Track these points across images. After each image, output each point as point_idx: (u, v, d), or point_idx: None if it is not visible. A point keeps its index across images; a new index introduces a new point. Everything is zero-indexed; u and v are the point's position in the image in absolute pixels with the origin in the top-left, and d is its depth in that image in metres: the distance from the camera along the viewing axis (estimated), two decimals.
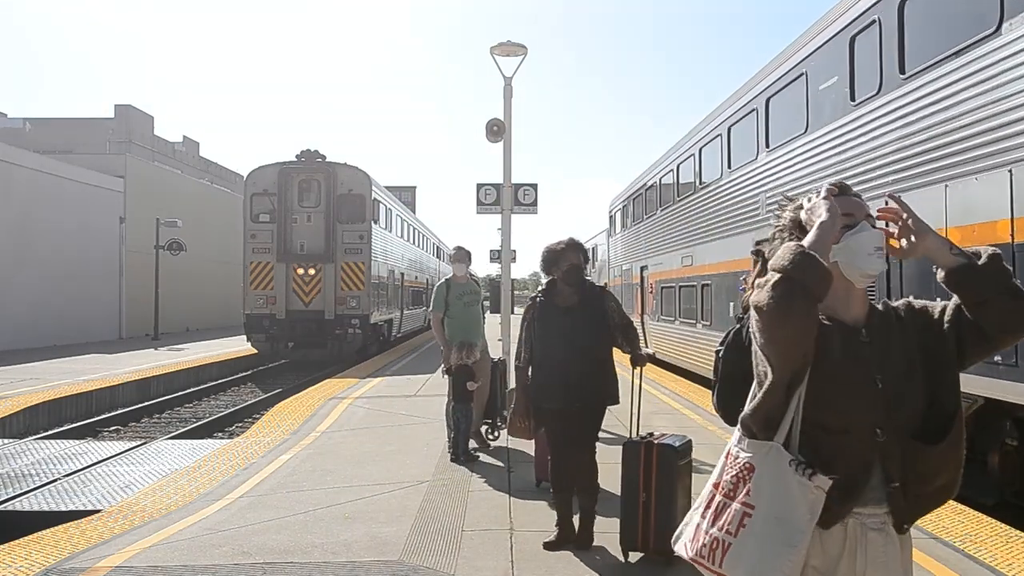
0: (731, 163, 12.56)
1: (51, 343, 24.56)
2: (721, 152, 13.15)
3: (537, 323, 5.15)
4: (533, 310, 5.22)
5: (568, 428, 5.10)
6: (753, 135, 11.42)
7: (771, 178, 10.60)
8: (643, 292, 20.14)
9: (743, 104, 11.98)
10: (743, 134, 12.09)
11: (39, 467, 8.77)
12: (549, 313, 5.13)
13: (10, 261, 23.31)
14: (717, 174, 13.26)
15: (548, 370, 5.08)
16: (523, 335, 5.22)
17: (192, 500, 6.55)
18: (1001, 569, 4.78)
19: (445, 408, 8.42)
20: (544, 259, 5.17)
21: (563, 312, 5.09)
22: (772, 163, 10.60)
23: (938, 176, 6.53)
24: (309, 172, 21.13)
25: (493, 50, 12.49)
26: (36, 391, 14.07)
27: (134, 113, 50.36)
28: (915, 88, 6.90)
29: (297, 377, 19.70)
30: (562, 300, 5.14)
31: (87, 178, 27.84)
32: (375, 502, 6.34)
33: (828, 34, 8.72)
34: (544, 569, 4.83)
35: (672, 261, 16.60)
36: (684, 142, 15.91)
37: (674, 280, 16.41)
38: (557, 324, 5.06)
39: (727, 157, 12.83)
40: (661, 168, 18.10)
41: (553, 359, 5.06)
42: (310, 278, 20.59)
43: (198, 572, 4.74)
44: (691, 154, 15.11)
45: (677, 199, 16.22)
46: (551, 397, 5.08)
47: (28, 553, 5.18)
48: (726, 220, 12.63)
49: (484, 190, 13.53)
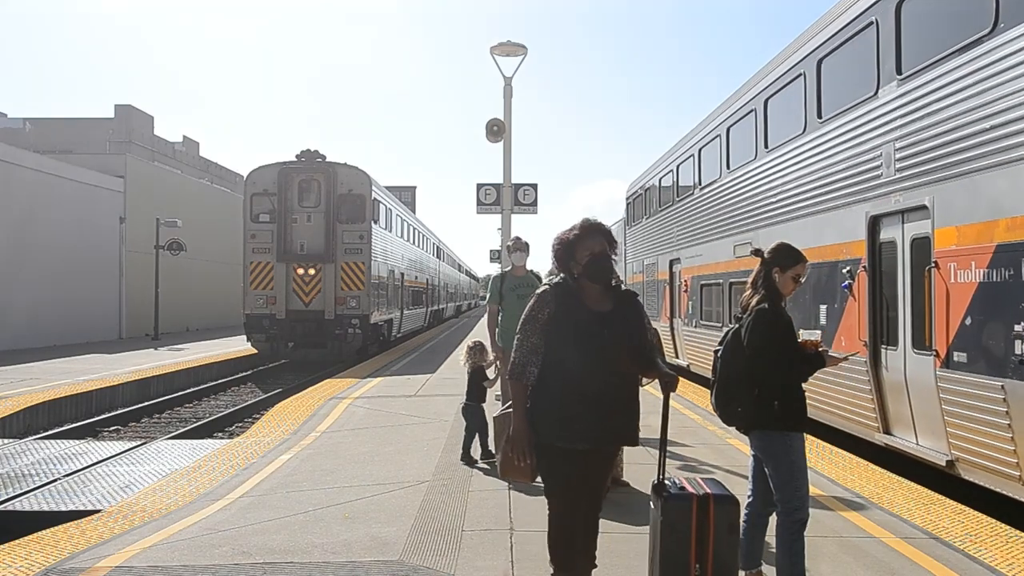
0: (822, 112, 9.43)
1: (51, 343, 24.56)
2: (805, 97, 9.85)
3: (555, 326, 3.70)
4: (549, 307, 3.73)
5: (589, 478, 3.71)
6: (873, 58, 8.17)
7: (905, 123, 7.61)
8: (673, 291, 17.07)
9: (856, 16, 8.60)
10: (844, 66, 9.02)
11: (39, 467, 8.77)
12: (572, 316, 3.70)
13: (10, 261, 23.31)
14: (798, 127, 10.09)
15: (568, 395, 3.63)
16: (526, 337, 3.75)
17: (192, 500, 6.55)
18: (1001, 569, 4.78)
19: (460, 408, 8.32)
20: (556, 252, 3.85)
21: (593, 318, 3.71)
22: (906, 102, 7.60)
23: None
24: (309, 172, 21.15)
25: (493, 50, 12.50)
26: (36, 391, 14.07)
27: (134, 113, 50.36)
28: None
29: (297, 377, 19.70)
30: (592, 302, 3.75)
31: (87, 178, 27.84)
32: (375, 502, 6.34)
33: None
34: (544, 569, 4.82)
35: (717, 252, 13.62)
36: (741, 96, 12.63)
37: (721, 276, 13.36)
38: (584, 333, 3.67)
39: (816, 105, 9.56)
40: (701, 137, 14.96)
41: (575, 379, 3.63)
42: (310, 278, 20.61)
43: (198, 572, 4.73)
44: (751, 109, 12.02)
45: (729, 170, 13.13)
46: (572, 433, 3.61)
47: (28, 553, 5.18)
48: (820, 188, 9.42)
49: (484, 190, 13.55)
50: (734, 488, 3.97)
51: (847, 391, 8.61)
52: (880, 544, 5.26)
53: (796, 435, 4.17)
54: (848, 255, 8.61)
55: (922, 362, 7.21)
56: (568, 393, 3.66)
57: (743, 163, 12.42)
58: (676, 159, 16.97)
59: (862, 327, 8.24)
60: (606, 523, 4.45)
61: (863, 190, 8.32)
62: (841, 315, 8.76)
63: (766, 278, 4.32)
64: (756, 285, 4.34)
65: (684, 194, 16.15)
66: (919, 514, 5.93)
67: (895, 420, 7.84)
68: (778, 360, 4.13)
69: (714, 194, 13.89)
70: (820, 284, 9.30)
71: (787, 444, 4.13)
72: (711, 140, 14.25)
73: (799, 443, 4.18)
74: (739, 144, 12.73)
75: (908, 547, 5.20)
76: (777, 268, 4.31)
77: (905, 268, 7.60)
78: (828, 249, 9.08)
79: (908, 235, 7.56)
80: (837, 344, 8.71)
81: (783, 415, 4.13)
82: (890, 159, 7.81)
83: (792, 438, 4.13)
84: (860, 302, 8.30)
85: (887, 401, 7.92)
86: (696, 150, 15.24)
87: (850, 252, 8.57)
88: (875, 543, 5.29)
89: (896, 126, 7.72)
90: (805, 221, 9.84)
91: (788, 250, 4.36)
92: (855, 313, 8.43)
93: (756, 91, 11.73)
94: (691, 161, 15.63)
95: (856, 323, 8.38)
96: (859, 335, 8.27)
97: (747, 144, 12.21)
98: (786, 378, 4.17)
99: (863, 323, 8.22)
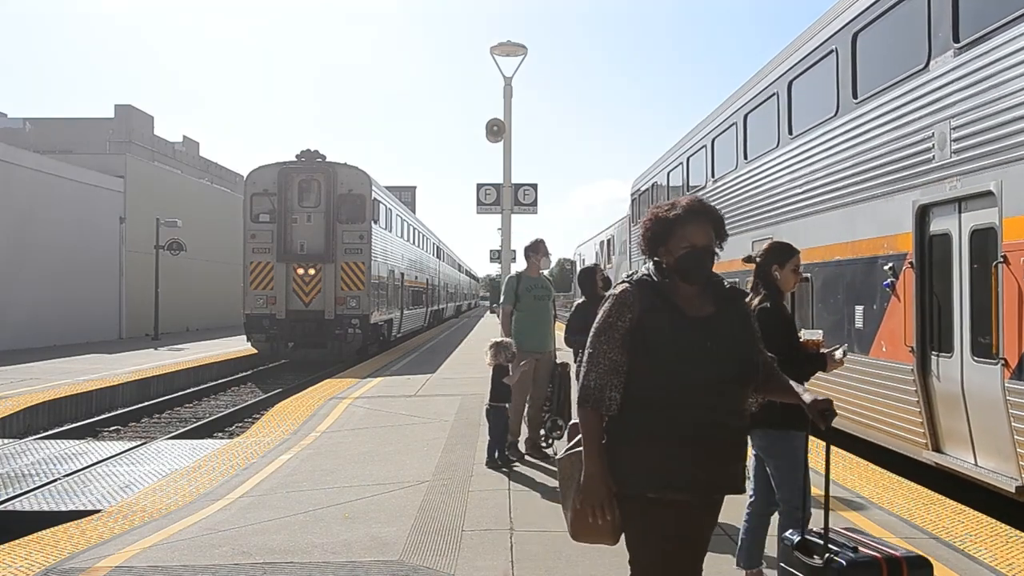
0: (857, 93, 8.47)
1: (51, 343, 24.56)
2: (838, 76, 8.89)
3: (641, 337, 2.77)
4: (631, 311, 2.82)
5: (691, 536, 2.84)
6: (923, 26, 7.24)
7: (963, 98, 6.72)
8: None
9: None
10: (885, 38, 8.11)
11: (39, 467, 8.76)
12: (669, 323, 2.80)
13: (10, 261, 23.31)
14: (829, 109, 9.12)
15: (662, 428, 2.73)
16: (603, 352, 2.80)
17: (192, 500, 6.55)
18: (1001, 569, 4.78)
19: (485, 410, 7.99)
20: (646, 233, 2.95)
21: (692, 326, 2.81)
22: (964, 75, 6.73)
23: None
24: (309, 172, 21.15)
25: (493, 50, 12.51)
26: (36, 391, 14.07)
27: (134, 113, 50.41)
28: None
29: (297, 377, 19.69)
30: (688, 304, 2.86)
31: (87, 178, 27.84)
32: (375, 502, 6.34)
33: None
34: (544, 569, 4.83)
35: (733, 249, 11.31)
36: (761, 80, 11.52)
37: (738, 274, 11.83)
38: (685, 345, 2.77)
39: (851, 84, 8.59)
40: (714, 127, 13.85)
41: (670, 408, 2.74)
42: (310, 278, 20.62)
43: (198, 572, 4.73)
44: (772, 93, 10.85)
45: (746, 161, 12.05)
46: (668, 479, 2.73)
47: (28, 553, 5.18)
48: (855, 176, 8.43)
49: (484, 190, 13.56)
50: None
51: (889, 402, 7.64)
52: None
53: (797, 434, 4.16)
54: (890, 250, 7.67)
55: (985, 371, 6.32)
56: (661, 426, 2.75)
57: (763, 152, 11.36)
58: (686, 151, 15.90)
59: (908, 331, 7.25)
60: None
61: (909, 176, 7.37)
62: (881, 317, 7.76)
63: (765, 278, 4.42)
64: (757, 288, 4.44)
65: (695, 188, 15.18)
66: (919, 514, 5.93)
67: (947, 436, 6.91)
68: (780, 359, 4.13)
69: (730, 186, 12.79)
70: (855, 283, 8.28)
71: (788, 443, 4.14)
72: (726, 129, 13.09)
73: (800, 442, 4.18)
74: (758, 132, 11.68)
75: (908, 547, 5.19)
76: (775, 265, 4.41)
77: (962, 264, 6.69)
78: (865, 244, 8.13)
79: (967, 226, 6.63)
80: (877, 350, 7.86)
81: (784, 414, 4.12)
82: (944, 140, 6.88)
83: (793, 437, 4.14)
84: (905, 303, 7.35)
85: (938, 415, 6.96)
86: (709, 141, 14.07)
87: (892, 246, 7.63)
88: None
89: (952, 102, 6.76)
90: (836, 214, 8.85)
91: (780, 246, 4.52)
92: (899, 315, 7.45)
93: (778, 73, 10.63)
94: (703, 153, 14.52)
95: (901, 326, 7.40)
96: (904, 340, 7.30)
97: (768, 132, 11.09)
98: (788, 377, 4.16)
99: (909, 327, 7.24)
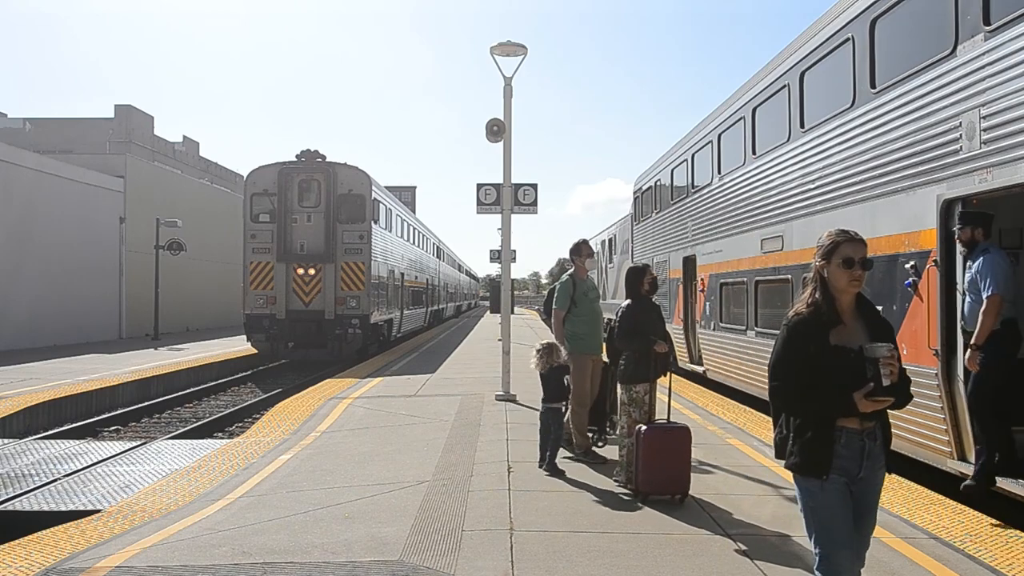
0: (875, 82, 8.16)
1: (51, 343, 24.56)
2: (854, 66, 8.48)
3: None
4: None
5: None
6: (950, 10, 6.83)
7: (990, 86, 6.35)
8: (687, 291, 15.60)
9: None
10: (906, 25, 7.78)
11: (39, 467, 8.77)
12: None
13: (10, 261, 23.31)
14: (844, 100, 8.74)
15: None
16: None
17: (192, 500, 6.55)
18: (1001, 569, 4.78)
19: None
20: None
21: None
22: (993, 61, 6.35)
23: None
24: (309, 172, 21.16)
25: (493, 50, 12.49)
26: (36, 391, 14.07)
27: (134, 113, 50.39)
28: None
29: (297, 377, 19.71)
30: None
31: (87, 178, 27.84)
32: (375, 502, 6.34)
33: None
34: (544, 569, 4.83)
35: (740, 247, 12.26)
36: (770, 72, 11.21)
37: (745, 273, 11.97)
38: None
39: (868, 73, 8.24)
40: (720, 122, 13.48)
41: None
42: (310, 278, 20.63)
43: (198, 572, 4.73)
44: (783, 86, 10.59)
45: (755, 156, 11.78)
46: None
47: (28, 553, 5.19)
48: (872, 170, 8.15)
49: (484, 190, 13.54)
50: (733, 488, 3.97)
51: (911, 408, 6.87)
52: (880, 544, 5.25)
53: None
54: (912, 247, 7.26)
55: None
56: None
57: (773, 147, 11.00)
58: (691, 147, 15.50)
59: (932, 333, 6.83)
60: None
61: (934, 169, 6.95)
62: (902, 319, 7.33)
63: (819, 283, 3.41)
64: None
65: (701, 185, 14.70)
66: (919, 514, 5.94)
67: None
68: None
69: (738, 182, 12.51)
70: (874, 282, 7.82)
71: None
72: (733, 124, 12.85)
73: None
74: (767, 126, 11.39)
75: (908, 547, 5.20)
76: (822, 262, 3.37)
77: None
78: (884, 241, 7.70)
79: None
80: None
81: None
82: (973, 130, 6.47)
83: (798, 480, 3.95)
84: (929, 303, 6.92)
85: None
86: (715, 136, 13.79)
87: (915, 243, 7.23)
88: (875, 543, 5.23)
89: (982, 89, 6.33)
90: (852, 209, 8.50)
91: (824, 239, 3.47)
92: (922, 316, 7.03)
93: (789, 64, 10.30)
94: (709, 148, 14.16)
95: (924, 328, 6.98)
96: (928, 342, 6.90)
97: (778, 125, 10.79)
98: None
99: (933, 328, 6.81)
